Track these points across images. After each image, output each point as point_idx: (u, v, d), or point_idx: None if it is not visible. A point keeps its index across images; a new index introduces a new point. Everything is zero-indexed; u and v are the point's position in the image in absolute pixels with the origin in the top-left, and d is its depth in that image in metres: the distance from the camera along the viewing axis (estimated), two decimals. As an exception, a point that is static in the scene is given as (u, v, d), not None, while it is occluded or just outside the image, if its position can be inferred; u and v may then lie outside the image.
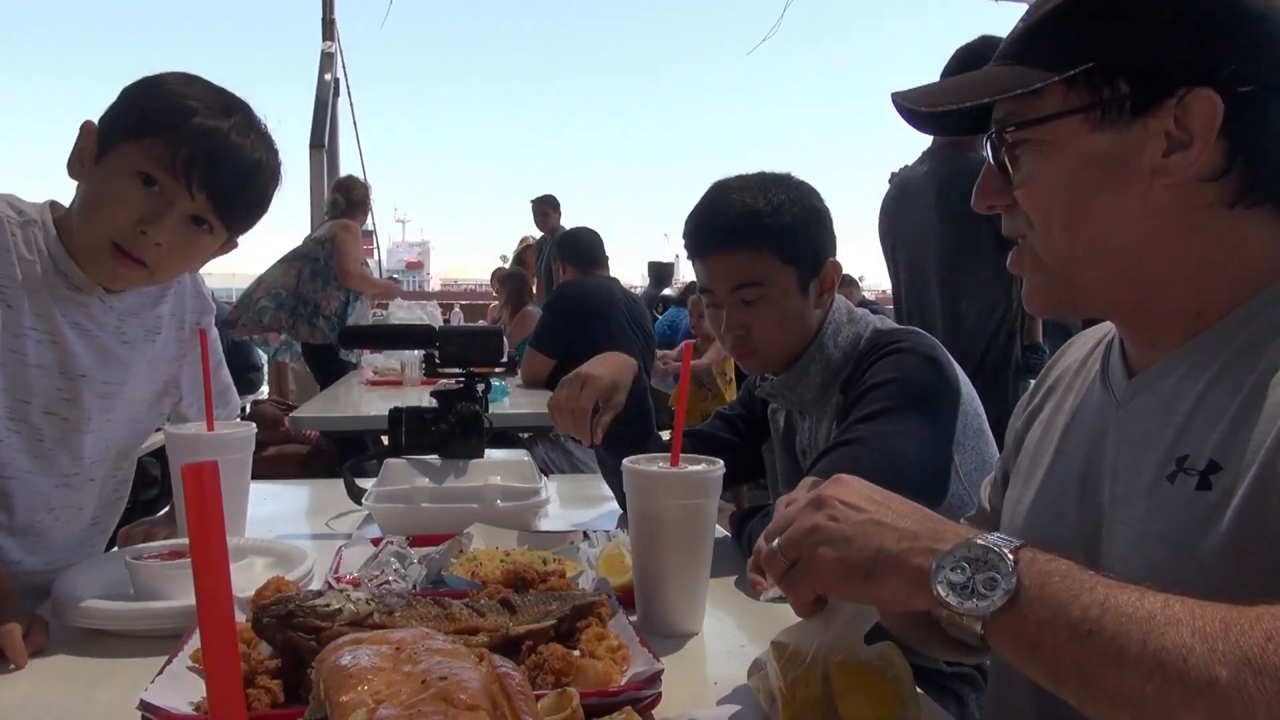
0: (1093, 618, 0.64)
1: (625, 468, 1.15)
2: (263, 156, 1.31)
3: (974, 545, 0.71)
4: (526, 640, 0.98)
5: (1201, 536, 0.77)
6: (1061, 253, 0.87)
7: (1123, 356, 0.95)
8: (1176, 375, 0.86)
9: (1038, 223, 0.88)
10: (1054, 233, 0.87)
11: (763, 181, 1.55)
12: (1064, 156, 0.85)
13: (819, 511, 0.79)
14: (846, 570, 0.76)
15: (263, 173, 1.32)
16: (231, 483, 1.49)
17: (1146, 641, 0.61)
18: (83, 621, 1.13)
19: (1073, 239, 0.86)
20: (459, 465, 1.73)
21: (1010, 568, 0.68)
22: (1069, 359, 1.09)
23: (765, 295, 1.53)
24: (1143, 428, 0.87)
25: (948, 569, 0.71)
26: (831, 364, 1.56)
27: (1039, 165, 0.86)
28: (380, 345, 4.16)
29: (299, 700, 0.86)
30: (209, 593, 0.49)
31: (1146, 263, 0.85)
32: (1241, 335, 0.82)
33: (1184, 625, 0.61)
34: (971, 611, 0.69)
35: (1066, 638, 0.65)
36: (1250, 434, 0.76)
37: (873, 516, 0.77)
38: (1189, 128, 0.80)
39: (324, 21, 8.37)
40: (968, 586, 0.69)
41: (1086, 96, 0.83)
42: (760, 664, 0.94)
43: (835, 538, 0.77)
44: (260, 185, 1.32)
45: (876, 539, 0.75)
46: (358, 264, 5.43)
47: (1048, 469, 1.00)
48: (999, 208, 0.92)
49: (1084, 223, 0.85)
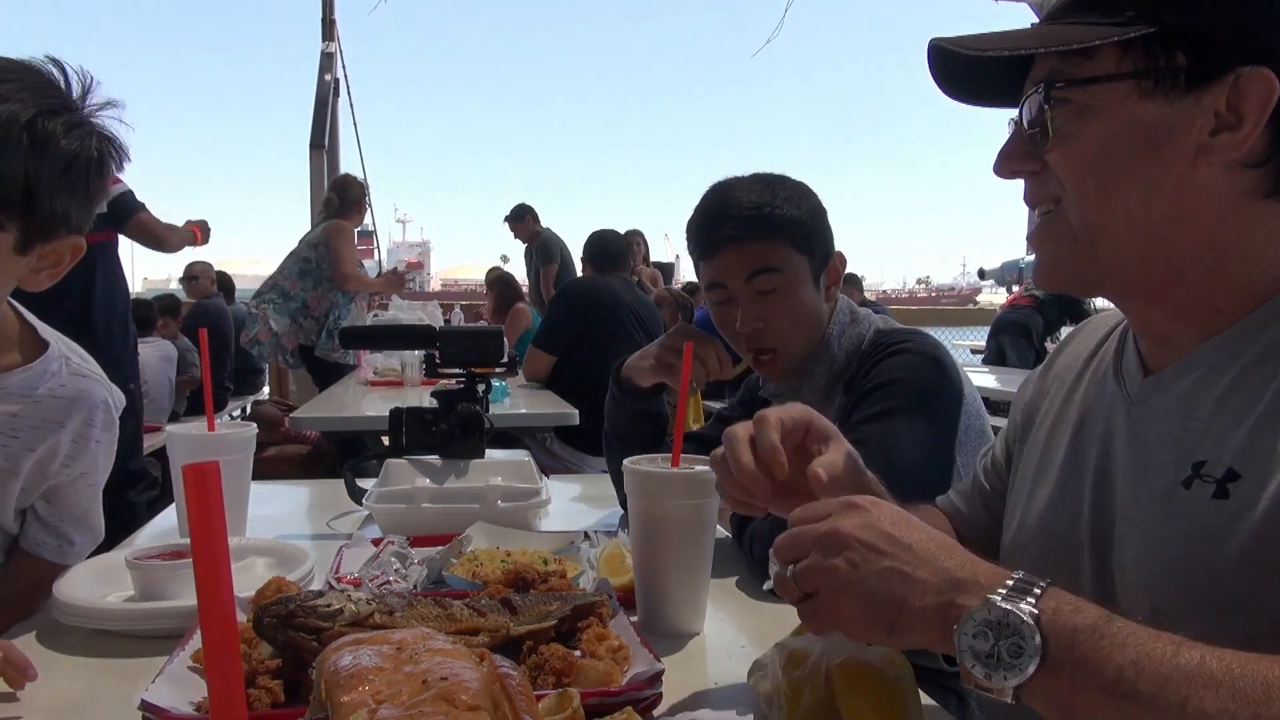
0: (1128, 679, 0.62)
1: (626, 468, 1.15)
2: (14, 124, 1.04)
3: (994, 608, 0.67)
4: (527, 640, 0.98)
5: (1218, 545, 0.76)
6: (1092, 220, 0.84)
7: (1137, 352, 0.93)
8: (1193, 377, 0.84)
9: (1072, 187, 0.84)
10: (1088, 198, 0.83)
11: (765, 179, 1.56)
12: (1109, 121, 0.81)
13: (837, 554, 0.75)
14: (868, 623, 0.74)
15: (12, 144, 1.05)
16: (232, 483, 1.50)
17: (1185, 706, 0.59)
18: (83, 621, 1.13)
19: (1107, 207, 0.83)
20: (459, 465, 1.73)
21: (1034, 632, 0.65)
22: (1079, 345, 1.07)
23: (781, 284, 1.51)
24: (1157, 429, 0.86)
25: (970, 635, 0.68)
26: (835, 364, 1.56)
27: (1081, 127, 0.83)
28: (380, 345, 4.16)
29: (299, 700, 0.86)
30: (210, 593, 0.49)
31: (1176, 243, 0.82)
32: (1263, 338, 0.80)
33: (1224, 687, 0.59)
34: (1000, 685, 0.66)
35: (1101, 701, 0.63)
36: (1272, 443, 0.74)
37: (893, 565, 0.73)
38: (1240, 108, 0.77)
39: (324, 21, 8.37)
40: (993, 655, 0.66)
41: (1142, 62, 0.79)
42: (761, 665, 0.93)
43: (856, 590, 0.74)
44: (25, 163, 1.05)
45: (899, 593, 0.72)
46: (353, 266, 5.42)
47: (1061, 466, 0.98)
48: (1023, 173, 0.89)
49: (1120, 191, 0.82)
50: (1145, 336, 0.92)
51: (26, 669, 0.95)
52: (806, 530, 0.79)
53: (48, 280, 1.21)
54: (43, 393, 1.26)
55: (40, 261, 1.15)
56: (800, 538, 0.79)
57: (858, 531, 0.75)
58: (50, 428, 1.26)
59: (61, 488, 1.32)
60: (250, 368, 7.73)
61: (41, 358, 1.27)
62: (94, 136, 1.14)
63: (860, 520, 0.76)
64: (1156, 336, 0.90)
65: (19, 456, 1.24)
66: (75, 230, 1.17)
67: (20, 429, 1.24)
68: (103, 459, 1.35)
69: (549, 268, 7.53)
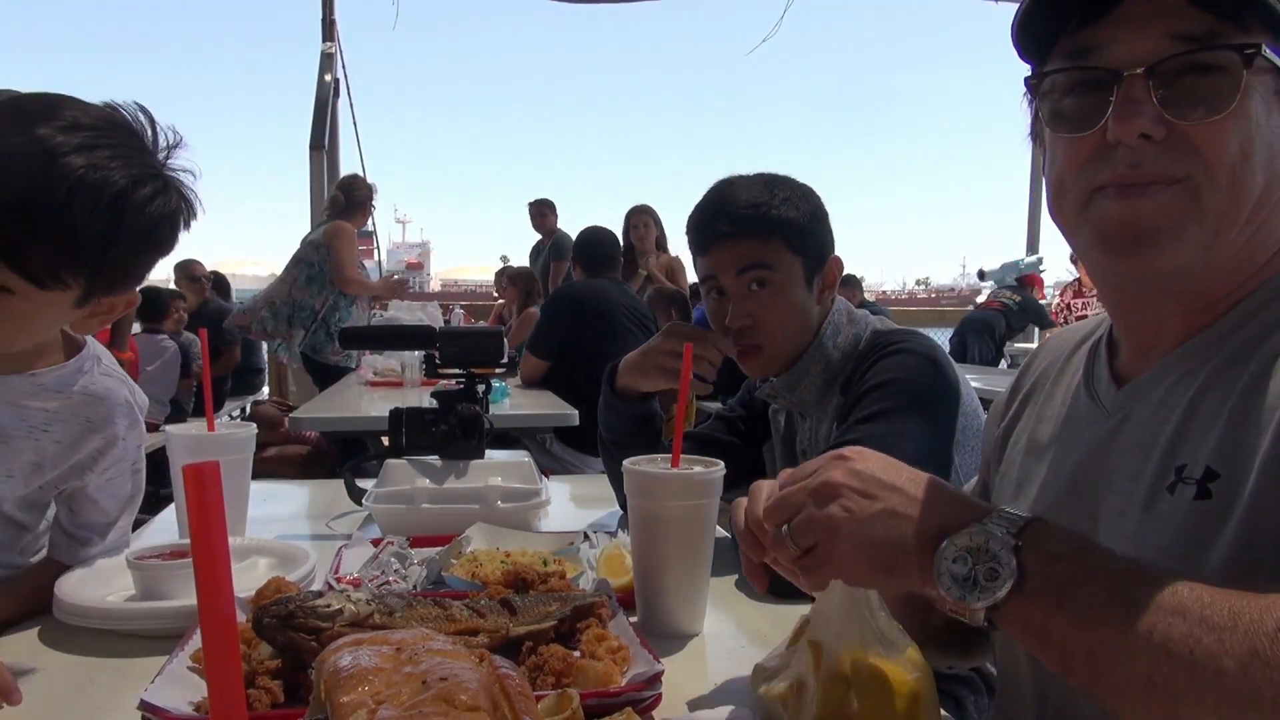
0: (1099, 605, 0.64)
1: (626, 469, 1.15)
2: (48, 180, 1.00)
3: (975, 533, 0.69)
4: (527, 641, 0.98)
5: (1205, 547, 0.76)
6: (1228, 207, 0.77)
7: (1110, 364, 0.93)
8: (1167, 383, 0.84)
9: (1219, 167, 0.76)
10: (1237, 183, 0.77)
11: (767, 179, 1.57)
12: (1258, 104, 0.76)
13: (831, 502, 0.77)
14: (869, 566, 0.75)
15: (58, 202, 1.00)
16: (232, 483, 1.50)
17: (1153, 632, 0.61)
18: (83, 621, 1.13)
19: (1245, 197, 0.77)
20: (459, 466, 1.73)
21: (1011, 556, 0.67)
22: (1044, 362, 1.07)
23: (772, 282, 1.52)
24: (1137, 439, 0.86)
25: (950, 560, 0.70)
26: (831, 365, 1.56)
27: (1245, 105, 0.76)
28: (380, 346, 4.16)
29: (299, 701, 0.86)
30: (210, 593, 0.49)
31: (1263, 243, 0.80)
32: (1235, 339, 0.81)
33: (1191, 614, 0.61)
34: (973, 605, 0.68)
35: (1073, 626, 0.65)
36: (1245, 439, 0.75)
37: (886, 506, 0.75)
38: None
39: (324, 22, 8.36)
40: (970, 579, 0.68)
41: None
42: (762, 669, 0.92)
43: (854, 535, 0.75)
44: (62, 217, 1.01)
45: (896, 532, 0.74)
46: (353, 268, 5.40)
47: (1039, 484, 0.97)
48: (1137, 141, 0.78)
49: (1254, 182, 0.77)
50: (1130, 344, 0.91)
51: (11, 694, 0.94)
52: (799, 487, 0.80)
53: (96, 327, 1.23)
54: (77, 390, 1.28)
55: (94, 308, 1.15)
56: (792, 495, 0.80)
57: (848, 479, 0.77)
58: (80, 424, 1.28)
59: (88, 490, 1.32)
60: (250, 367, 7.73)
61: (77, 356, 1.29)
62: (174, 197, 1.14)
63: (849, 468, 0.78)
64: (1143, 344, 0.89)
65: (49, 450, 1.26)
66: (137, 284, 1.19)
67: (52, 424, 1.26)
68: (130, 460, 1.36)
69: (560, 264, 7.47)
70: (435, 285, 69.12)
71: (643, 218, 6.11)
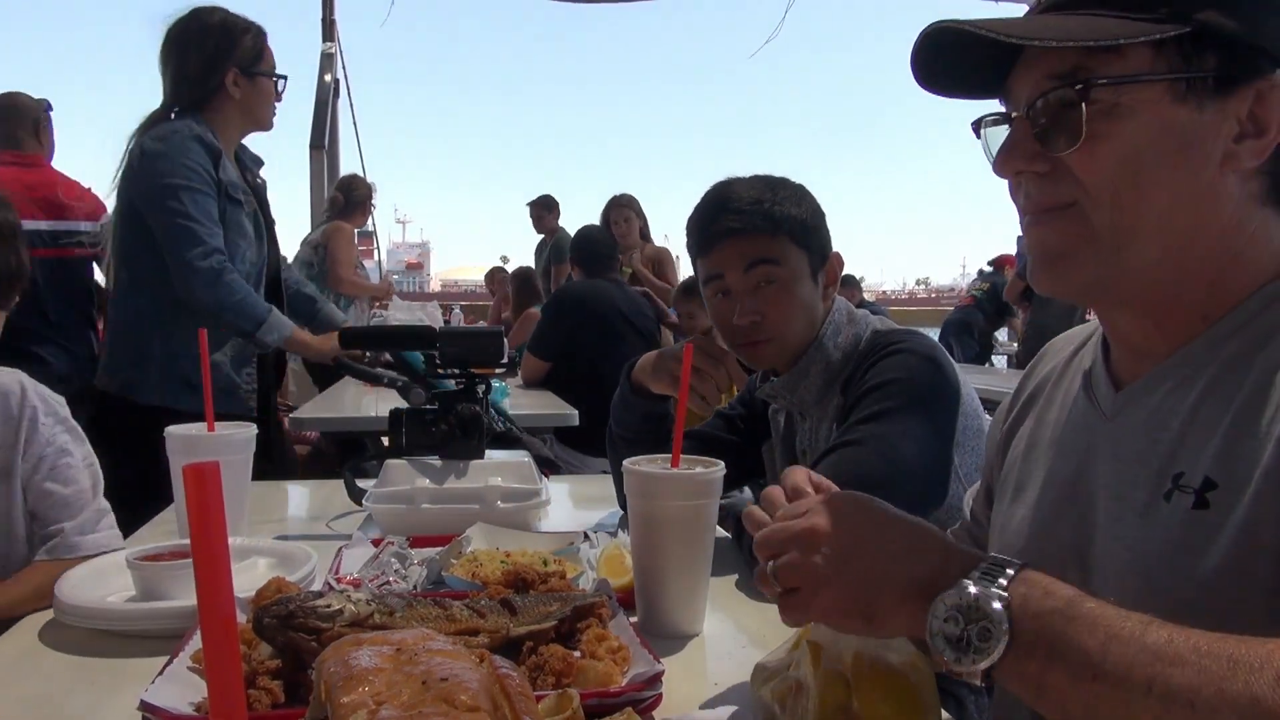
0: (1095, 661, 0.63)
1: (626, 469, 1.15)
2: None
3: (965, 592, 0.69)
4: (527, 641, 0.98)
5: (1201, 556, 0.76)
6: (1124, 223, 0.81)
7: (1106, 367, 0.93)
8: (1164, 388, 0.84)
9: (1100, 190, 0.81)
10: (1122, 201, 0.80)
11: (765, 179, 1.57)
12: (1142, 123, 0.79)
13: (814, 551, 0.77)
14: (845, 615, 0.77)
15: None
16: (232, 483, 1.50)
17: (1152, 685, 0.60)
18: (83, 621, 1.13)
19: (1140, 211, 0.80)
20: (459, 466, 1.73)
21: (1003, 616, 0.67)
22: (1046, 366, 1.07)
23: (780, 276, 1.52)
24: (1133, 444, 0.85)
25: (940, 620, 0.69)
26: (831, 365, 1.56)
27: (1112, 128, 0.79)
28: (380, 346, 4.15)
29: (299, 701, 0.86)
30: (210, 593, 0.49)
31: (1194, 249, 0.81)
32: (1230, 346, 0.81)
33: (1189, 665, 0.60)
34: (970, 668, 0.68)
35: (1070, 681, 0.64)
36: (1245, 450, 0.75)
37: (868, 561, 0.76)
38: (1261, 118, 0.78)
39: (324, 22, 8.35)
40: (963, 639, 0.68)
41: (1177, 63, 0.78)
42: (762, 668, 0.92)
43: (833, 584, 0.76)
44: None
45: (875, 586, 0.75)
46: (350, 269, 5.40)
47: (1038, 486, 0.97)
48: (1028, 173, 0.85)
49: (1152, 196, 0.80)
50: (1122, 348, 0.92)
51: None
52: (785, 528, 0.81)
53: None
54: None
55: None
56: (778, 535, 0.81)
57: (833, 529, 0.78)
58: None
59: (34, 483, 1.37)
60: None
61: None
62: None
63: (835, 517, 0.78)
64: (1134, 349, 0.90)
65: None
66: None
67: None
68: (58, 443, 1.39)
69: (561, 267, 7.47)
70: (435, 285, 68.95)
71: (624, 211, 5.90)
